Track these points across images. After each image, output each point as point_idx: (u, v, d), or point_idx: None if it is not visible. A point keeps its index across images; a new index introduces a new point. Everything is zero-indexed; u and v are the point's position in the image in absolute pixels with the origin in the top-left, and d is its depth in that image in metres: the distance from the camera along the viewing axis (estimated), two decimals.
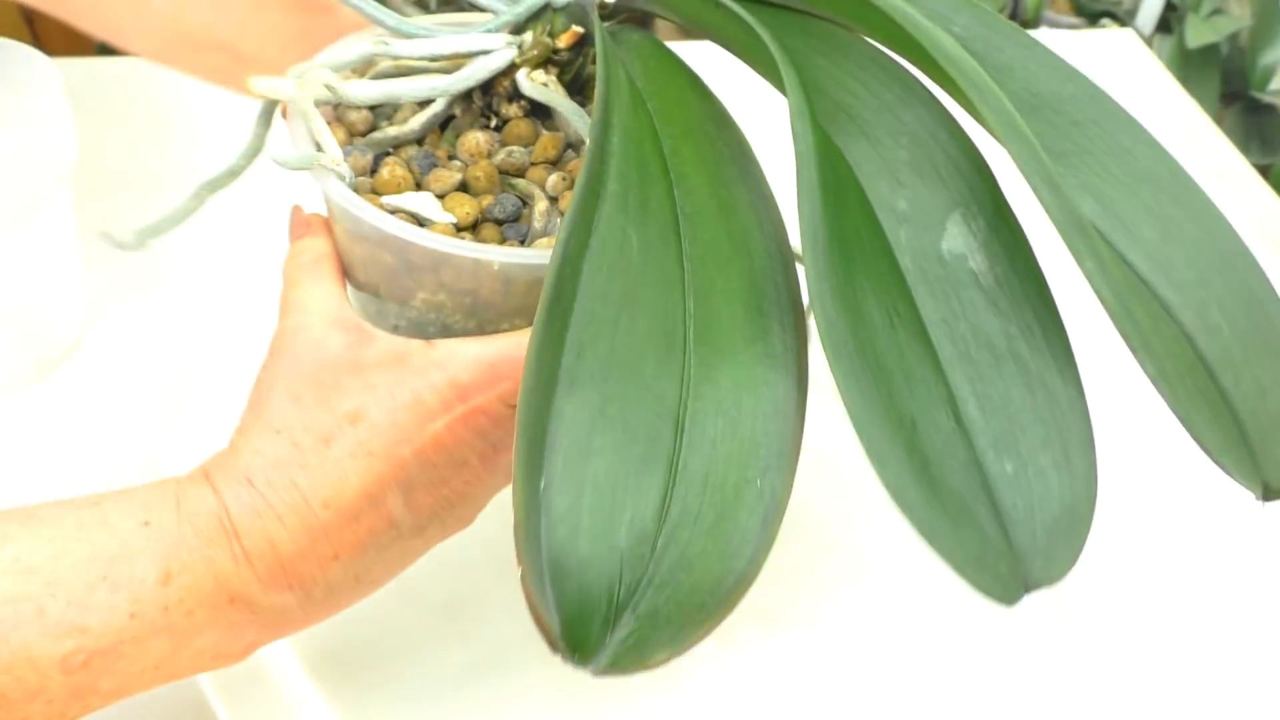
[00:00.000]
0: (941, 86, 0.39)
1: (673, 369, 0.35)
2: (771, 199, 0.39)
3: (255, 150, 0.41)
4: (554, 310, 0.33)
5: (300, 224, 0.44)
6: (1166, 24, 1.71)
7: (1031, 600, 0.36)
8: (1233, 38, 1.65)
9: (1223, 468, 0.37)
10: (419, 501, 0.39)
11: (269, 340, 0.41)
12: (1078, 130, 0.40)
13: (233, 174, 0.42)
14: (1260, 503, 0.39)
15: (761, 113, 0.44)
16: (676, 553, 0.33)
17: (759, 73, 0.40)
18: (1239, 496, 0.39)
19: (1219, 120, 1.66)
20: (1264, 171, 1.52)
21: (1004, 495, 0.36)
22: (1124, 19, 1.73)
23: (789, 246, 0.38)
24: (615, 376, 0.34)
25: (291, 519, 0.37)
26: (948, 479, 0.36)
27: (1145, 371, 0.35)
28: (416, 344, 0.39)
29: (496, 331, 0.40)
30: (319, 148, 0.39)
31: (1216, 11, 1.62)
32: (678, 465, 0.34)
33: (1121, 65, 0.95)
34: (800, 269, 0.39)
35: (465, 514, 0.41)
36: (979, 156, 0.39)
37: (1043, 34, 1.07)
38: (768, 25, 0.39)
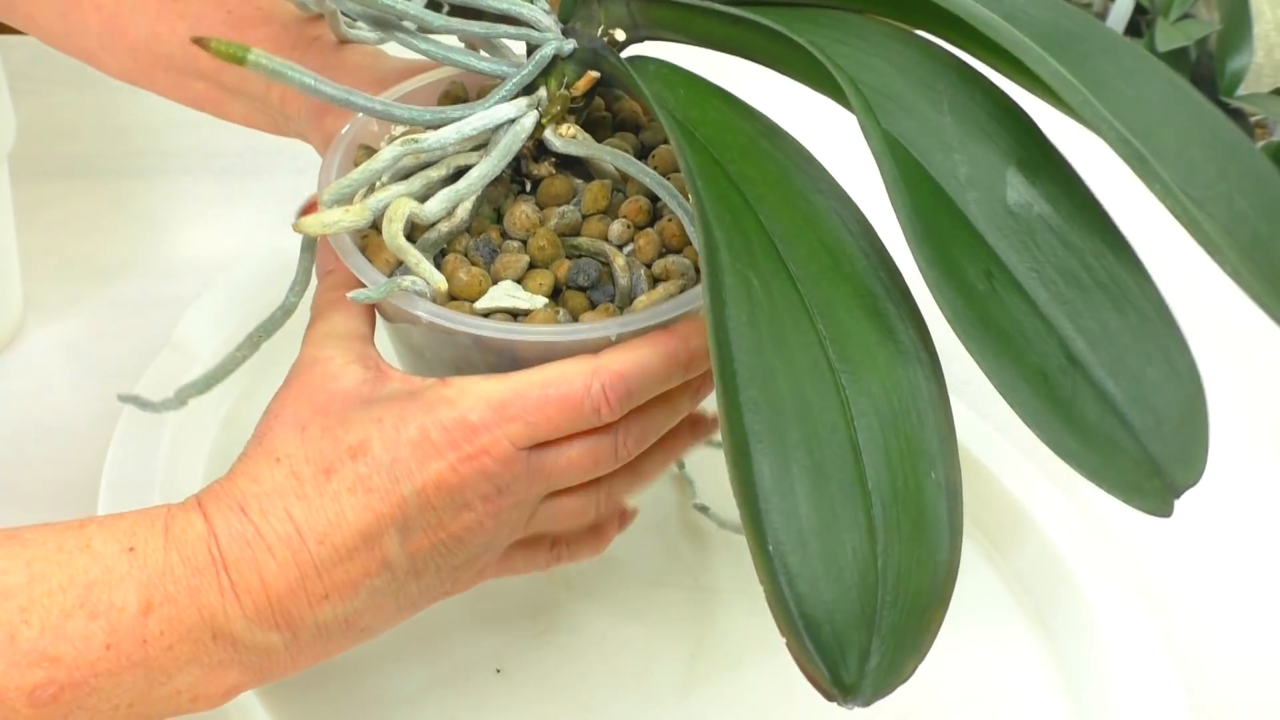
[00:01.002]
0: (967, 50, 0.40)
1: (831, 395, 0.35)
2: (846, 196, 0.39)
3: (304, 284, 0.39)
4: (725, 379, 0.33)
5: (331, 257, 0.41)
6: (1136, 28, 1.67)
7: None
8: (1201, 43, 1.62)
9: None
10: (416, 543, 0.37)
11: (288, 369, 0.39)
12: (1087, 60, 0.41)
13: (286, 312, 0.39)
14: None
15: (786, 105, 0.43)
16: (894, 566, 0.34)
17: (787, 75, 0.40)
18: None
19: None
20: None
21: (1132, 416, 0.38)
22: None
23: (877, 237, 0.39)
24: (791, 422, 0.34)
25: (282, 551, 0.35)
26: (1087, 417, 0.37)
27: (1223, 269, 0.38)
28: (430, 381, 0.37)
29: None
30: (394, 268, 0.37)
31: (1186, 16, 1.58)
32: (867, 484, 0.35)
33: None
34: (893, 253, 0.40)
35: (464, 566, 0.39)
36: (1015, 106, 0.40)
37: None
38: (789, 27, 0.39)
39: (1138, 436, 0.38)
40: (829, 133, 0.42)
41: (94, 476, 0.51)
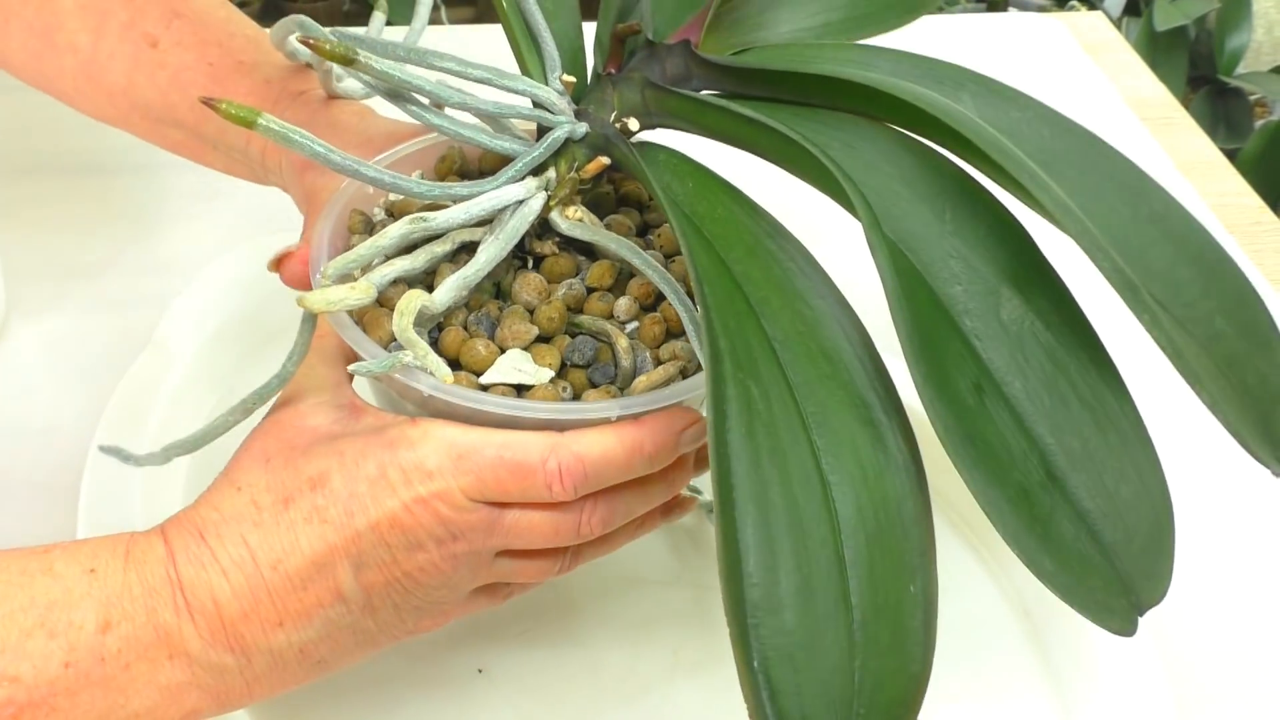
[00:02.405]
0: (970, 162, 0.40)
1: (821, 508, 0.36)
2: (845, 302, 0.39)
3: (303, 354, 0.39)
4: (723, 492, 0.33)
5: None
6: (1135, 6, 1.65)
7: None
8: (1200, 21, 1.60)
9: (1258, 458, 0.41)
10: (370, 578, 0.37)
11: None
12: (1085, 179, 0.42)
13: (283, 381, 0.39)
14: (1276, 475, 0.44)
15: (786, 203, 0.44)
16: (870, 679, 0.35)
17: (796, 175, 0.40)
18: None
19: (1186, 104, 1.59)
20: (1231, 155, 1.52)
21: (1105, 533, 0.39)
22: (1093, 1, 1.66)
23: (873, 345, 0.40)
24: (783, 534, 0.35)
25: (236, 575, 0.36)
26: (1063, 535, 0.38)
27: (1201, 399, 0.39)
28: (399, 419, 0.38)
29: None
30: (392, 340, 0.37)
31: None
32: (850, 599, 0.36)
33: (1092, 48, 0.94)
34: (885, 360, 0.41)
35: (425, 609, 0.39)
36: (1013, 220, 0.41)
37: (1012, 17, 1.05)
38: (797, 129, 0.40)
39: (1109, 554, 0.39)
40: (828, 232, 0.43)
41: (75, 476, 0.51)
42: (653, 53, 0.40)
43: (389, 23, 0.49)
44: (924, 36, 0.40)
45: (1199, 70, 1.66)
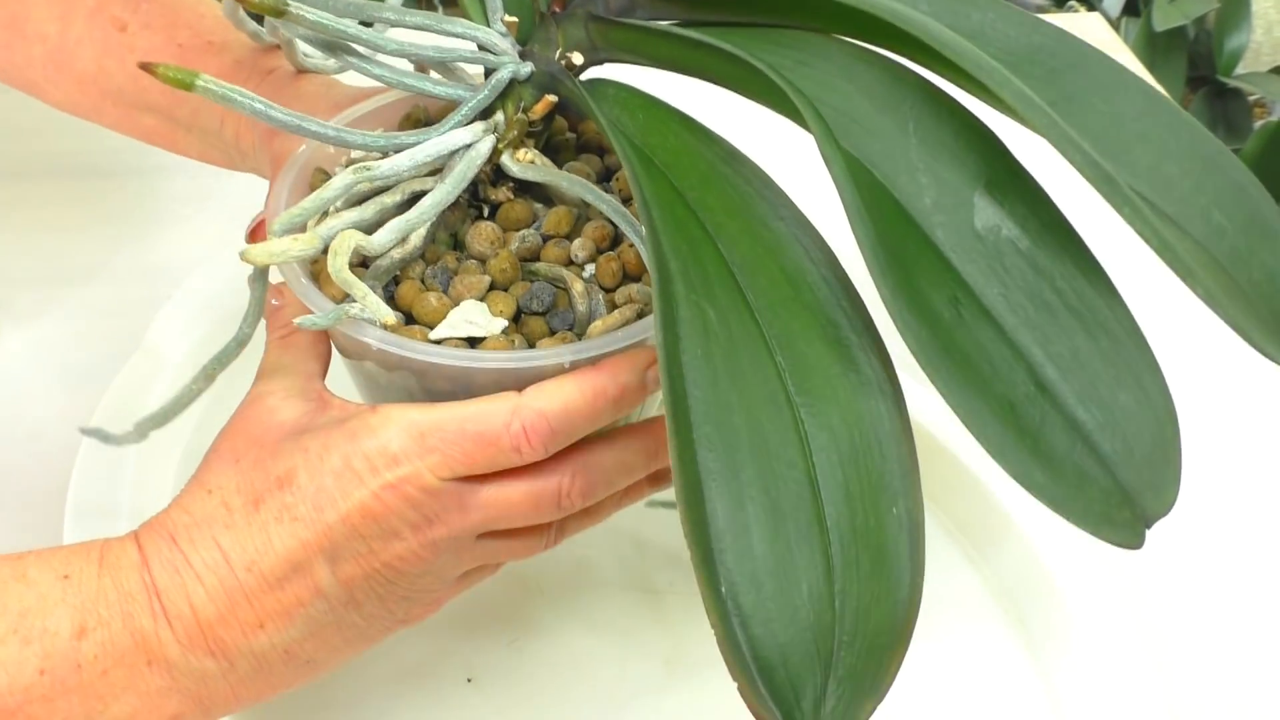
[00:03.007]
0: (933, 69, 0.39)
1: (789, 429, 0.35)
2: (808, 223, 0.38)
3: (258, 315, 0.38)
4: (677, 414, 0.32)
5: (279, 291, 0.41)
6: (1134, 6, 1.64)
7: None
8: (1199, 21, 1.59)
9: (1267, 355, 0.39)
10: (348, 571, 0.36)
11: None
12: (1057, 77, 0.40)
13: (240, 344, 0.38)
14: None
15: (749, 129, 0.42)
16: (853, 605, 0.33)
17: (749, 98, 0.39)
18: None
19: (1185, 104, 1.60)
20: None
21: (1103, 444, 0.37)
22: (1092, 1, 1.64)
23: (839, 265, 0.38)
24: (747, 458, 0.33)
25: (211, 579, 0.35)
26: (1055, 447, 0.37)
27: (1195, 293, 0.36)
28: (360, 407, 0.37)
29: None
30: (345, 296, 0.36)
31: None
32: (826, 522, 0.34)
33: None
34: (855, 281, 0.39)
35: (413, 597, 0.38)
36: (982, 126, 0.39)
37: None
38: (749, 49, 0.38)
39: (1108, 465, 0.37)
40: (792, 157, 0.41)
41: (65, 482, 0.51)
42: None
43: None
44: None
45: (1198, 70, 1.64)
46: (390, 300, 0.38)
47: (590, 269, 0.38)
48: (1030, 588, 0.54)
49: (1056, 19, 0.98)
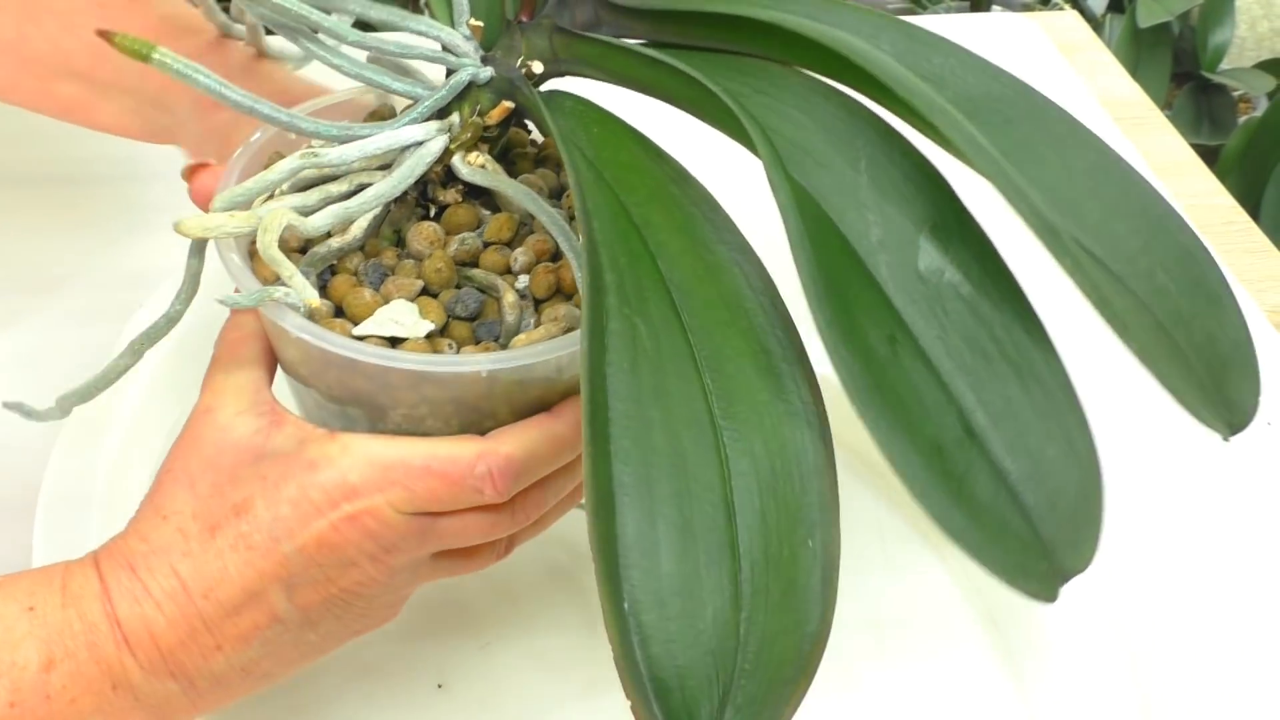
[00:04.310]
0: (889, 109, 0.39)
1: (710, 452, 0.34)
2: (749, 249, 0.38)
3: (191, 292, 0.38)
4: (595, 425, 0.32)
5: (235, 310, 0.40)
6: (1119, 3, 1.64)
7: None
8: (1184, 17, 1.59)
9: (1200, 419, 0.39)
10: (304, 598, 0.37)
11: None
12: (1012, 127, 0.40)
13: (170, 321, 0.38)
14: (1226, 440, 0.42)
15: (706, 155, 0.42)
16: (758, 634, 0.33)
17: (703, 120, 0.39)
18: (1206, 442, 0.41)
19: (1170, 101, 1.60)
20: (1215, 152, 1.46)
21: (1026, 495, 0.37)
22: None
23: (778, 294, 0.38)
24: (663, 476, 0.33)
25: (170, 607, 0.36)
26: (979, 494, 0.36)
27: (1131, 351, 0.37)
28: (319, 433, 0.37)
29: (481, 432, 0.39)
30: (276, 279, 0.36)
31: None
32: (738, 548, 0.34)
33: (1067, 48, 0.93)
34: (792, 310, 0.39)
35: (371, 611, 0.39)
36: (933, 169, 0.39)
37: (986, 17, 1.05)
38: (706, 73, 0.38)
39: (1030, 517, 0.37)
40: (743, 185, 0.41)
41: (36, 490, 0.51)
42: (563, 0, 0.40)
43: None
44: None
45: (1183, 66, 1.64)
46: (323, 290, 0.38)
47: (525, 280, 0.38)
48: (1003, 588, 0.54)
49: (1037, 16, 0.99)
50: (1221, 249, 0.72)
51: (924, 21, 0.99)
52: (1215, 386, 0.40)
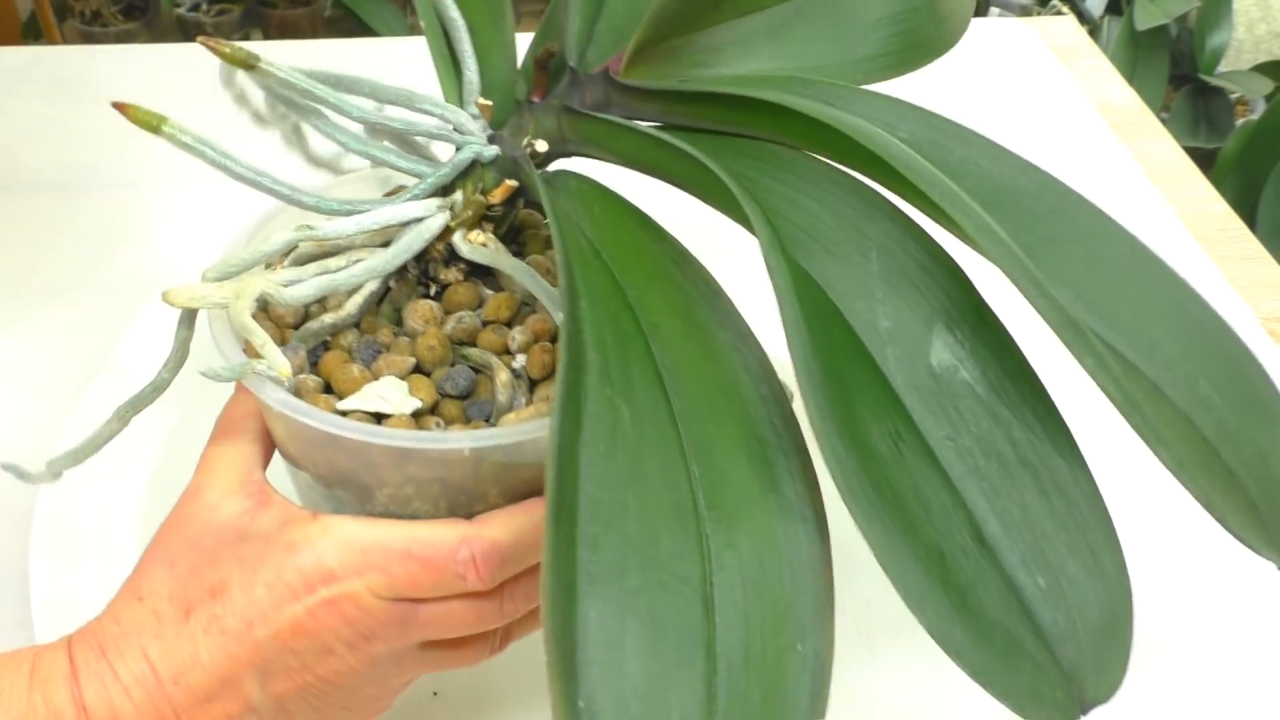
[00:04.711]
0: (904, 197, 0.37)
1: (690, 543, 0.32)
2: (750, 334, 0.36)
3: (180, 360, 0.37)
4: (560, 506, 0.30)
5: (239, 386, 0.39)
6: (1116, 5, 1.66)
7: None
8: (1181, 20, 1.60)
9: (1246, 544, 0.36)
10: (279, 687, 0.35)
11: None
12: (1039, 222, 0.39)
13: (157, 390, 0.37)
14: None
15: (714, 239, 0.41)
16: None
17: (708, 203, 0.38)
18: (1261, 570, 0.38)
19: (1167, 103, 1.61)
20: (1212, 155, 1.46)
21: (1043, 614, 0.34)
22: (1075, 1, 1.66)
23: (778, 382, 0.36)
24: (634, 566, 0.31)
25: (138, 693, 0.34)
26: (986, 608, 0.34)
27: (1162, 461, 0.34)
28: (302, 515, 0.36)
29: (469, 515, 0.37)
30: (254, 352, 0.35)
31: None
32: (715, 648, 0.31)
33: (1063, 53, 0.92)
34: (794, 403, 0.37)
35: (354, 704, 0.37)
36: (950, 260, 0.37)
37: (981, 22, 1.03)
38: (712, 155, 0.37)
39: (1044, 638, 0.34)
40: (749, 273, 0.40)
41: (31, 501, 0.50)
42: (574, 80, 0.39)
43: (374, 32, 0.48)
44: None
45: (1180, 69, 1.62)
46: (314, 367, 0.37)
47: (522, 359, 0.37)
48: None
49: (1033, 22, 0.97)
50: (1216, 255, 0.70)
51: None
52: (1269, 508, 0.37)
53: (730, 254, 0.41)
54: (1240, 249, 0.72)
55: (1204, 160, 0.92)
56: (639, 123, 0.39)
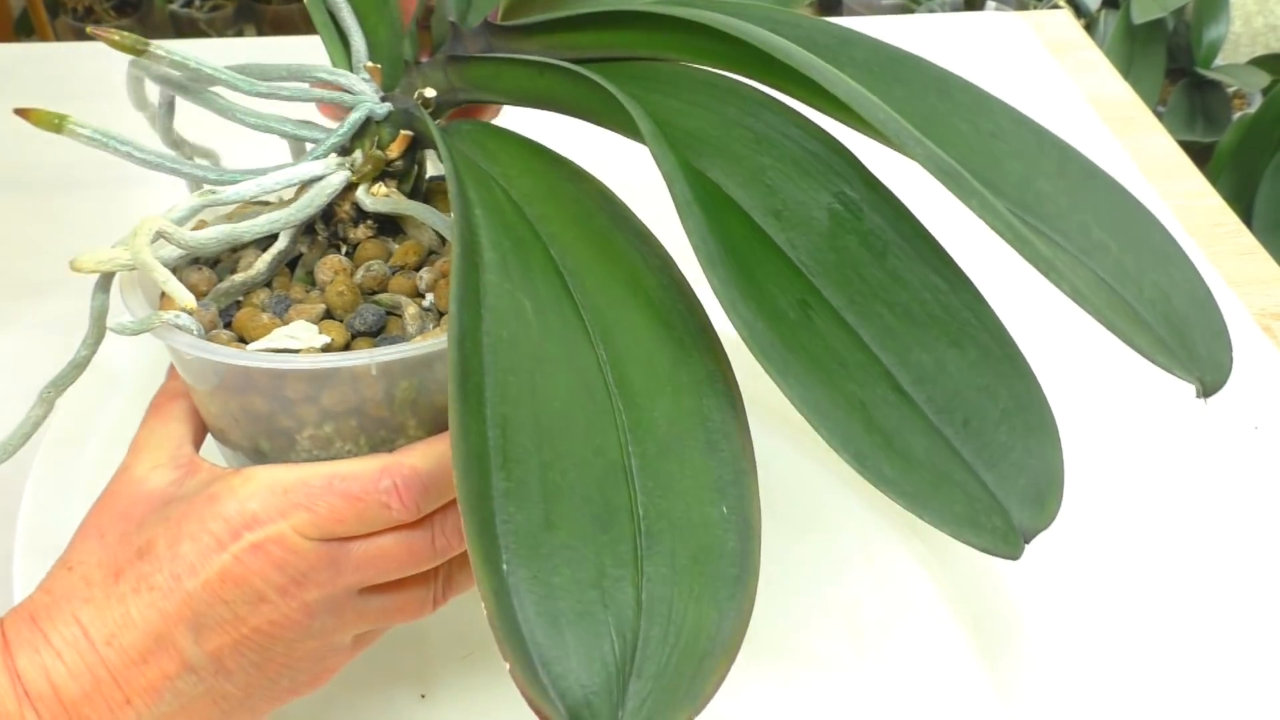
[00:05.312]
0: (787, 91, 0.38)
1: (605, 419, 0.32)
2: (649, 234, 0.37)
3: (99, 336, 0.38)
4: (465, 387, 0.30)
5: (171, 370, 0.40)
6: None
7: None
8: (1178, 13, 1.60)
9: (1161, 366, 0.36)
10: (214, 641, 0.34)
11: None
12: (918, 95, 0.40)
13: (77, 367, 0.38)
14: (1202, 400, 0.38)
15: (610, 162, 0.42)
16: (663, 601, 0.30)
17: (597, 123, 0.39)
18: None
19: (1164, 97, 1.60)
20: (1208, 149, 1.46)
21: (965, 449, 0.34)
22: None
23: (679, 273, 0.37)
24: (548, 442, 0.31)
25: (71, 655, 0.33)
26: (913, 448, 0.33)
27: (1064, 292, 0.34)
28: (226, 472, 0.36)
29: (392, 450, 0.38)
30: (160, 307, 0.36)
31: None
32: (638, 512, 0.31)
33: (1056, 47, 0.92)
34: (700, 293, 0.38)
35: (294, 661, 0.36)
36: (835, 142, 0.38)
37: (974, 16, 1.05)
38: (598, 73, 0.39)
39: (972, 470, 0.34)
40: (648, 185, 0.41)
41: (17, 499, 0.50)
42: (457, 35, 0.41)
43: None
44: (882, 35, 0.40)
45: (1177, 63, 1.61)
46: (227, 326, 0.37)
47: (431, 297, 0.38)
48: (985, 594, 0.50)
49: (1028, 16, 0.97)
50: (1210, 251, 0.69)
51: (916, 21, 0.99)
52: (1179, 344, 0.37)
53: (626, 170, 0.42)
54: (1235, 244, 0.71)
55: (1200, 154, 0.90)
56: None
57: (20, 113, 0.37)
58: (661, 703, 0.28)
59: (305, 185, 0.39)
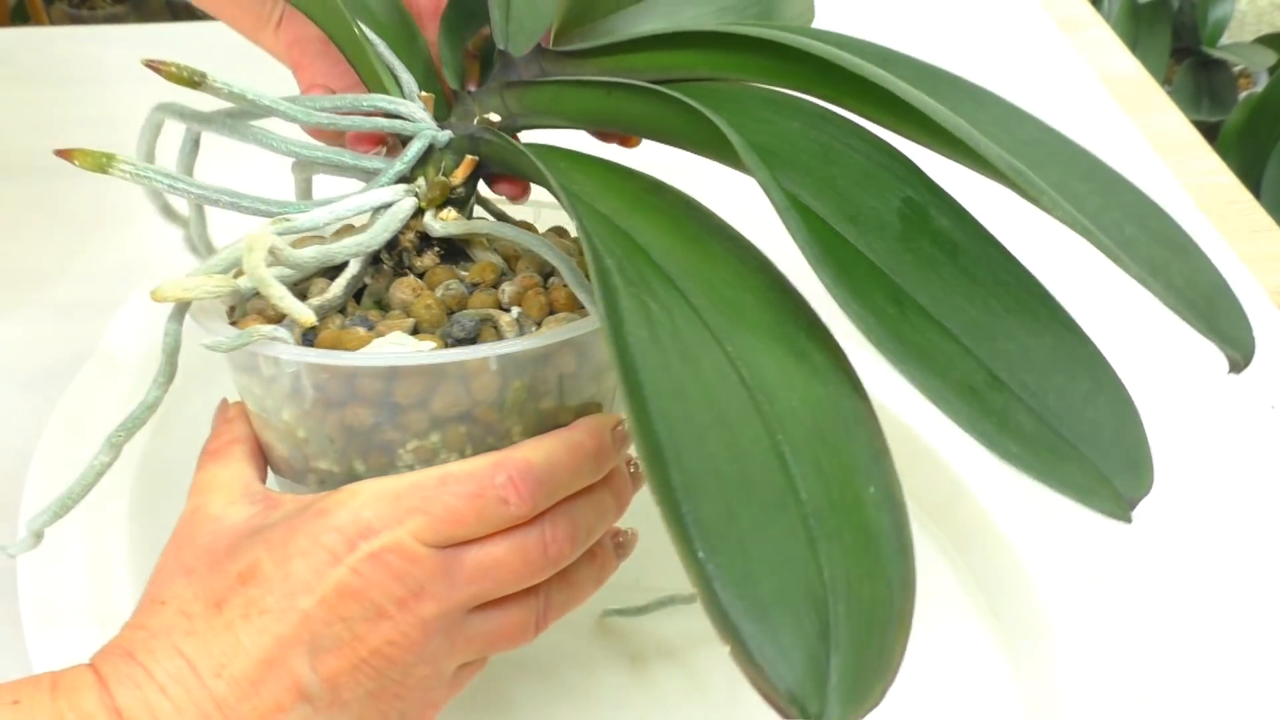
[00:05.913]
0: (846, 106, 0.40)
1: (748, 409, 0.33)
2: (741, 237, 0.38)
3: (171, 373, 0.36)
4: (632, 390, 0.30)
5: (220, 418, 0.39)
6: None
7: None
8: None
9: (1214, 342, 0.39)
10: (331, 665, 0.33)
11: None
12: (959, 108, 0.43)
13: (148, 409, 0.36)
14: (1237, 372, 0.41)
15: (678, 173, 0.43)
16: (841, 579, 0.31)
17: (665, 140, 0.40)
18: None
19: (1169, 77, 1.57)
20: (1215, 129, 1.42)
21: (1065, 429, 0.37)
22: None
23: (781, 274, 0.38)
24: (709, 431, 0.31)
25: (175, 689, 0.31)
26: (1023, 426, 0.35)
27: (1129, 273, 0.37)
28: (321, 494, 0.35)
29: None
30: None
31: None
32: (800, 495, 0.32)
33: (1067, 25, 0.92)
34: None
35: (405, 693, 0.34)
36: (897, 152, 0.40)
37: None
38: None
39: (1077, 446, 0.35)
40: (723, 195, 0.42)
41: (18, 491, 0.48)
42: (507, 62, 0.41)
43: None
44: (892, 13, 0.41)
45: (1182, 42, 1.58)
46: (309, 346, 0.36)
47: (517, 309, 0.38)
48: (1004, 581, 0.52)
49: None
50: (1224, 228, 0.69)
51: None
52: (1209, 325, 0.41)
53: (697, 181, 0.43)
54: (1249, 221, 0.70)
55: (1207, 134, 0.87)
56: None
57: (62, 154, 0.35)
58: (862, 675, 0.29)
59: (375, 213, 0.38)
